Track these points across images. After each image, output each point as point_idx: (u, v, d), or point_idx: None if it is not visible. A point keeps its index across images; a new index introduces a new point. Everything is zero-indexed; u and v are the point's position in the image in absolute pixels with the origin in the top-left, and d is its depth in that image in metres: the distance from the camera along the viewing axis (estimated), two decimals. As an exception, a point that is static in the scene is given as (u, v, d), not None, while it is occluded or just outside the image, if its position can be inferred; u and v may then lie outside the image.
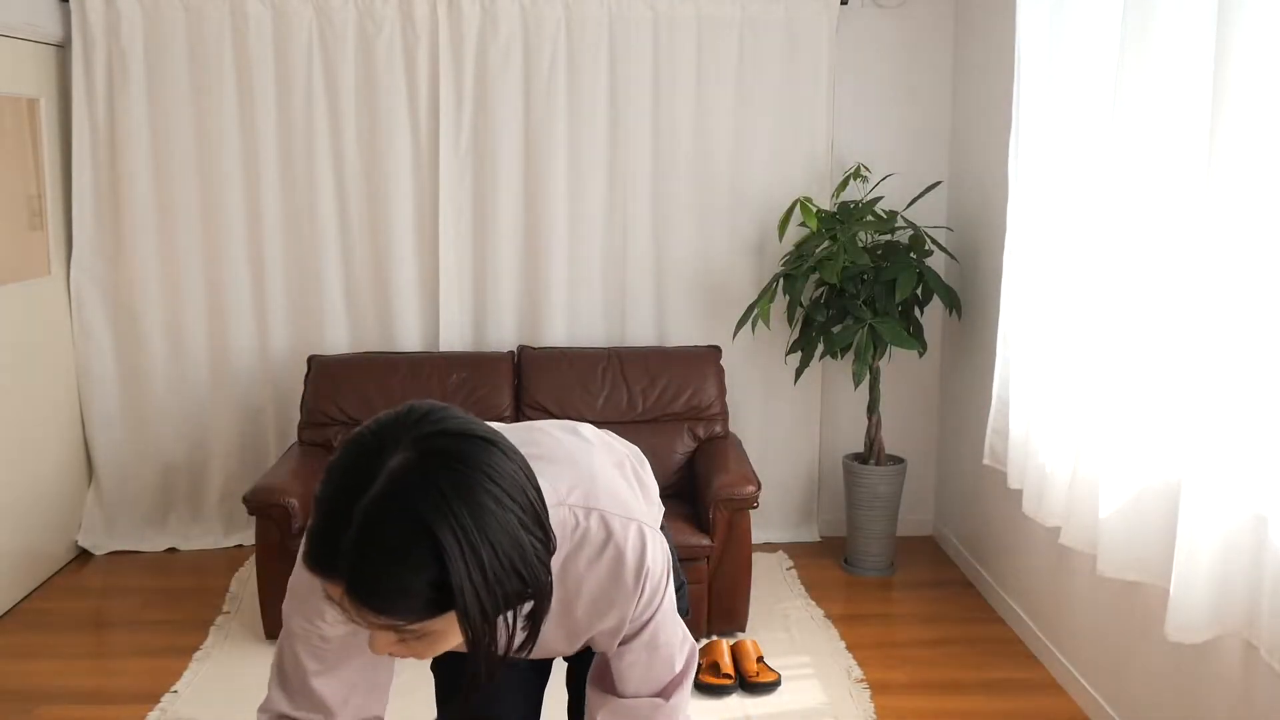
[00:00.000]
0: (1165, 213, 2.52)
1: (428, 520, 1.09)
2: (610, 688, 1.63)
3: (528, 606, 1.24)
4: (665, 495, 3.92)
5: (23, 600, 4.04)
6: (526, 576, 1.18)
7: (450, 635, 1.19)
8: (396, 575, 1.10)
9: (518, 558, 1.16)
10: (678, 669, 1.62)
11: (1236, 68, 2.14)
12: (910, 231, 4.23)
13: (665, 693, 1.61)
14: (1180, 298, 2.48)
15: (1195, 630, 2.33)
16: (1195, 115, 2.39)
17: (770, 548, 4.53)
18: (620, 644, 1.56)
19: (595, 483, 1.48)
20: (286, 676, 1.51)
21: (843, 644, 3.66)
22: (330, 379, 4.15)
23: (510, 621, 1.21)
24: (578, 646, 1.59)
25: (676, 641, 1.60)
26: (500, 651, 1.21)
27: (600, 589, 1.47)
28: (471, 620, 1.13)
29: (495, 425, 1.32)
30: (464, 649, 1.21)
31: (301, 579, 1.46)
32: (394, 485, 1.10)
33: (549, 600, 1.25)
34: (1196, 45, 2.38)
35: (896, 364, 4.61)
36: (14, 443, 4.01)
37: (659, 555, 1.50)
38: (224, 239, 4.40)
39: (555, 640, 1.55)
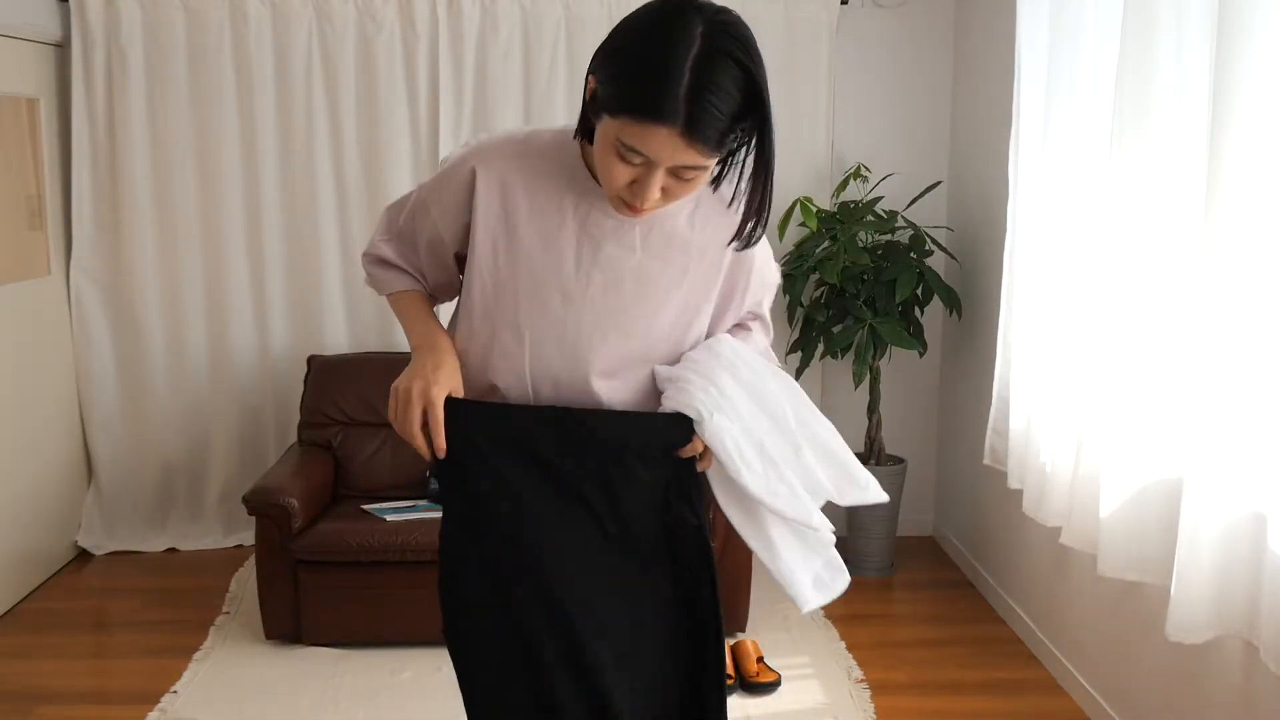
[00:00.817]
0: (1166, 212, 2.51)
1: (746, 65, 1.41)
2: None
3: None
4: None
5: (23, 600, 4.03)
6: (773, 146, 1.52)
7: (702, 180, 1.50)
8: (721, 111, 1.40)
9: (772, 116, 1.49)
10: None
11: (1238, 65, 2.13)
12: (910, 231, 4.23)
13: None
14: (1181, 296, 2.48)
15: (1195, 630, 2.33)
16: (1197, 113, 2.39)
17: (770, 548, 4.52)
18: (736, 326, 1.79)
19: None
20: (398, 232, 1.74)
21: (843, 644, 3.66)
22: (330, 379, 4.15)
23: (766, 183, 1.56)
24: (687, 271, 1.68)
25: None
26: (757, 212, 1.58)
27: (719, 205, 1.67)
28: (765, 144, 1.49)
29: None
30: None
31: (449, 180, 1.65)
32: (713, 42, 1.40)
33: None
34: (1198, 44, 2.38)
35: (896, 364, 4.61)
36: (14, 443, 4.00)
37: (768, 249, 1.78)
38: (224, 239, 4.40)
39: (670, 238, 1.66)
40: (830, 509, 1.66)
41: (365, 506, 3.83)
